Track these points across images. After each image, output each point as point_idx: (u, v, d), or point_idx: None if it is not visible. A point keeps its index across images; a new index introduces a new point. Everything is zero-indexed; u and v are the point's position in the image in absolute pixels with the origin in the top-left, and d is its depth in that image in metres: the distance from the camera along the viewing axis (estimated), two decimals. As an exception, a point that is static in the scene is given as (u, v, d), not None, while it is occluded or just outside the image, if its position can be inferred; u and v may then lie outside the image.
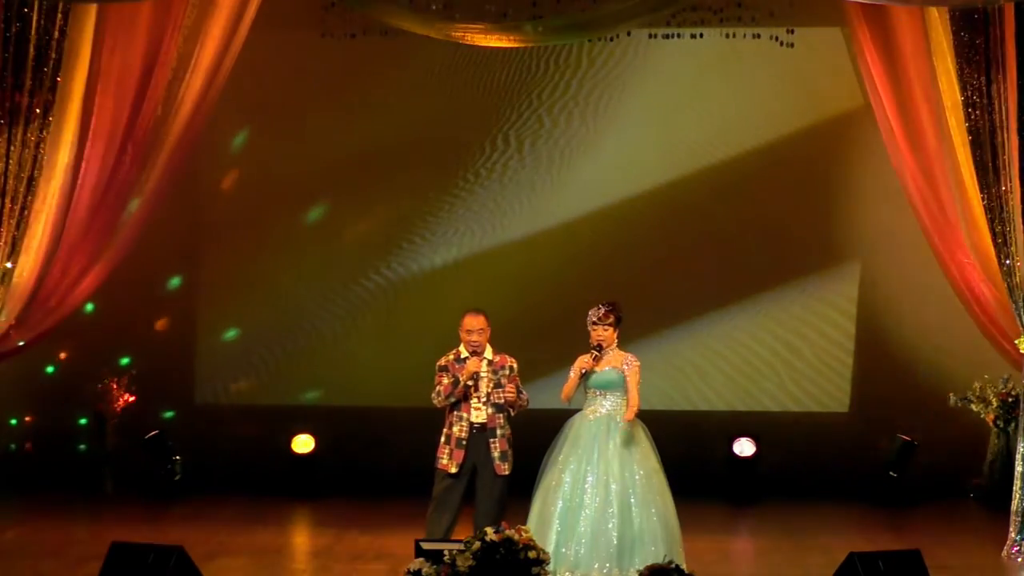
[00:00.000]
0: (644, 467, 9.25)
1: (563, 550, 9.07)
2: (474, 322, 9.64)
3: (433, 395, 9.64)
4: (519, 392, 9.64)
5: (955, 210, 11.13)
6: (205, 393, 14.12)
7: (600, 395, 9.39)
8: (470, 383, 9.57)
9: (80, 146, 10.92)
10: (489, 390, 9.60)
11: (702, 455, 13.47)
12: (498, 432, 9.59)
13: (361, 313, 14.06)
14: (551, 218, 13.90)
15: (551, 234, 13.92)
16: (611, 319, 9.44)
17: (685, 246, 13.83)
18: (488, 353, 9.66)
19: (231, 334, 14.05)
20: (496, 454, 9.57)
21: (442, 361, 9.70)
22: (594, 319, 9.44)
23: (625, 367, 9.38)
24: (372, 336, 13.96)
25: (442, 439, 9.68)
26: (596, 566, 9.03)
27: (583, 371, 9.35)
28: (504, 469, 9.58)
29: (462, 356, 9.66)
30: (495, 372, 9.63)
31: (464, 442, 9.56)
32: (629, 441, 9.27)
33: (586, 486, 9.17)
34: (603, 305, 9.48)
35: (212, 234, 14.01)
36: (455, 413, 9.63)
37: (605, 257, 13.74)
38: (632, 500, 9.13)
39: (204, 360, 14.08)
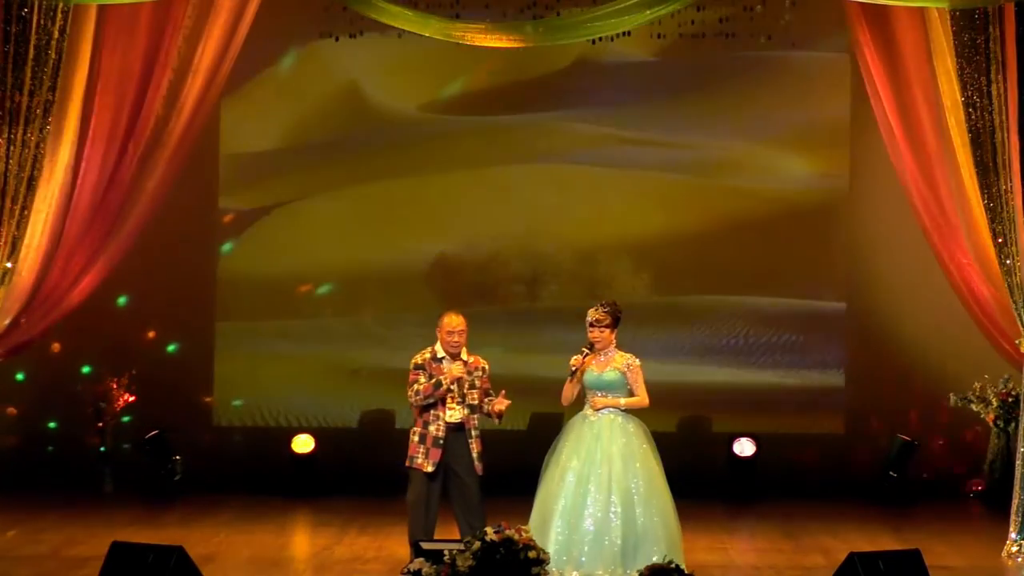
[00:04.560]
0: (646, 467, 9.22)
1: (566, 549, 9.03)
2: (456, 323, 9.57)
3: (411, 394, 9.54)
4: (487, 395, 9.61)
5: (955, 210, 11.12)
6: (205, 393, 14.11)
7: (601, 396, 9.37)
8: (453, 387, 9.55)
9: (80, 146, 10.91)
10: (464, 391, 9.56)
11: (702, 455, 13.47)
12: (473, 432, 9.56)
13: (361, 312, 14.07)
14: (552, 219, 13.93)
15: (552, 234, 13.95)
16: (607, 320, 9.41)
17: (684, 245, 13.85)
18: (463, 354, 9.63)
19: (230, 334, 14.07)
20: (475, 454, 9.54)
21: (418, 359, 9.61)
22: (591, 320, 9.41)
23: (626, 369, 9.36)
24: (372, 335, 13.97)
25: (415, 439, 9.58)
26: (600, 567, 9.00)
27: (572, 368, 9.35)
28: (480, 469, 9.56)
29: (438, 356, 9.60)
30: (469, 373, 9.58)
31: (441, 441, 9.51)
32: (631, 441, 9.25)
33: (589, 487, 9.13)
34: (600, 306, 9.47)
35: (213, 232, 14.02)
36: (431, 412, 9.54)
37: (605, 257, 13.77)
38: (635, 500, 9.11)
39: (204, 360, 14.07)
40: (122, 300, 13.68)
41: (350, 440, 13.86)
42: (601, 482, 9.13)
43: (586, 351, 9.38)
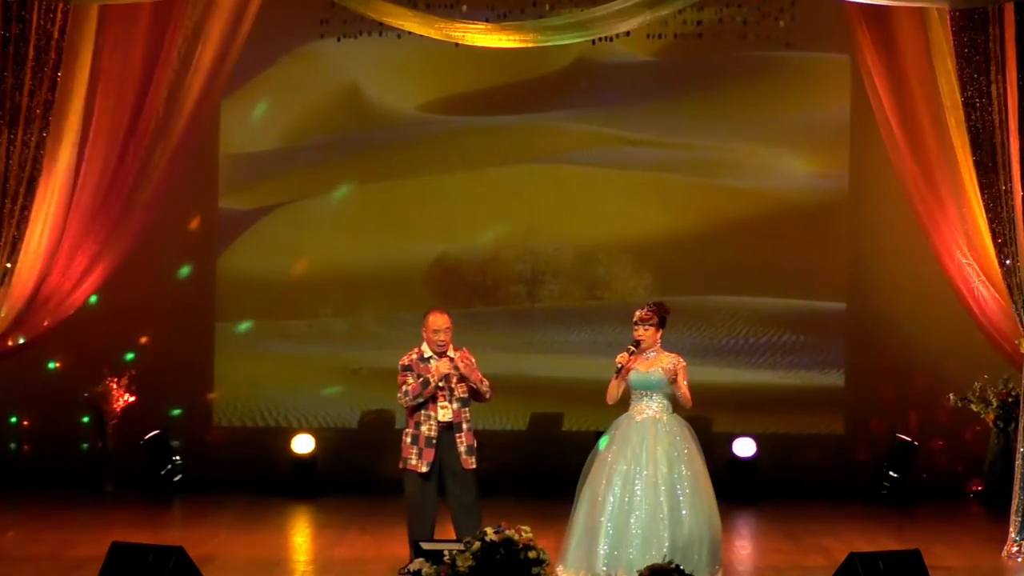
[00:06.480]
0: (691, 468, 9.14)
1: (615, 552, 8.95)
2: (441, 321, 9.59)
3: (400, 395, 9.59)
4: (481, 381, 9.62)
5: (955, 210, 11.13)
6: (205, 393, 14.11)
7: (646, 396, 9.26)
8: (441, 384, 9.55)
9: (80, 146, 10.92)
10: (453, 385, 9.56)
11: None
12: (464, 426, 9.57)
13: (362, 312, 14.08)
14: (552, 219, 13.94)
15: (552, 234, 13.96)
16: (653, 319, 9.28)
17: (684, 245, 13.86)
18: (449, 351, 9.63)
19: (231, 334, 14.08)
20: (462, 448, 9.54)
21: (405, 360, 9.64)
22: (636, 318, 9.30)
23: (672, 368, 9.28)
24: (372, 335, 13.97)
25: (407, 439, 9.61)
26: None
27: (618, 365, 9.25)
28: (471, 463, 9.56)
29: (425, 356, 9.61)
30: (456, 368, 9.58)
31: (434, 441, 9.53)
32: (676, 443, 9.20)
33: (636, 489, 9.05)
34: (648, 305, 9.40)
35: (213, 232, 14.02)
36: (422, 412, 9.57)
37: (605, 257, 13.78)
38: (681, 502, 9.04)
39: (204, 361, 14.07)
40: (122, 301, 13.66)
41: (350, 440, 13.87)
42: (648, 484, 9.03)
43: (632, 349, 9.29)
